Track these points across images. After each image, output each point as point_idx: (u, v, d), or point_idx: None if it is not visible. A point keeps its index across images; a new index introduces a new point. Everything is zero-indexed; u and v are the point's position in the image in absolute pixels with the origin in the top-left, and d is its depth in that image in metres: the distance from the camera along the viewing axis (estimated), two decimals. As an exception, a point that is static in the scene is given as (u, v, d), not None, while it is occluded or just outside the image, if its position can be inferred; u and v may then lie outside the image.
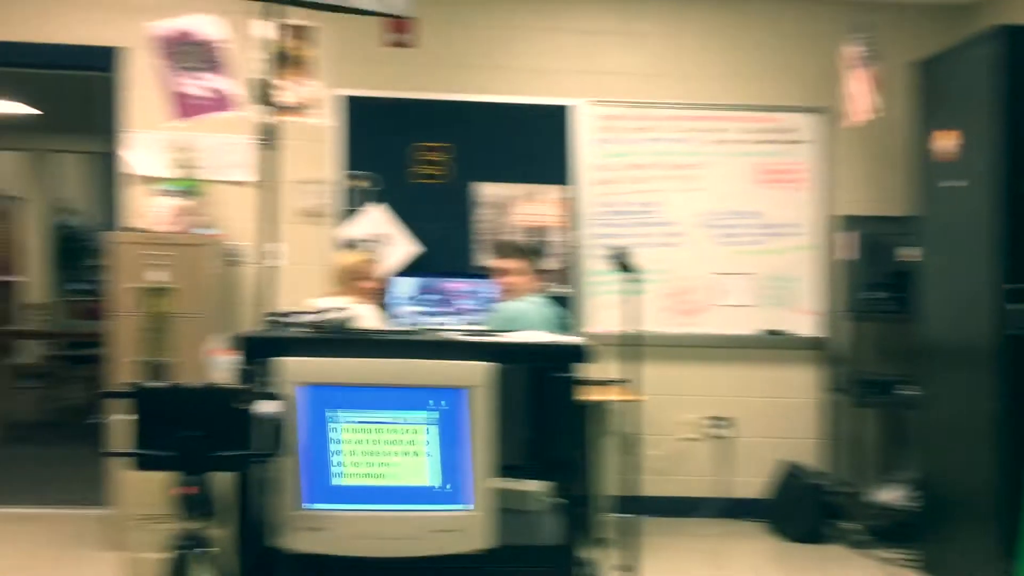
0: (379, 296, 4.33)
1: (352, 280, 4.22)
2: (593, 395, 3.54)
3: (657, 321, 5.07)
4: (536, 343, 2.31)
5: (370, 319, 3.92)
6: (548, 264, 5.05)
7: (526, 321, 3.91)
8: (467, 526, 2.06)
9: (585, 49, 5.26)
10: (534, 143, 5.13)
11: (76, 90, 7.66)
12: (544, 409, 2.62)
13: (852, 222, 5.15)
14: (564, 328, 4.07)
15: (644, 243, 5.09)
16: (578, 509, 2.19)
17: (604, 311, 5.06)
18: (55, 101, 8.77)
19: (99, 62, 5.02)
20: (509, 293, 4.27)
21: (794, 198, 5.27)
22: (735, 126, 5.25)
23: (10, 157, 11.41)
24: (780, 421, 5.29)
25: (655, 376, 4.97)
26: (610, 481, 4.52)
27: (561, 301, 4.78)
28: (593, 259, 5.10)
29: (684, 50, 5.32)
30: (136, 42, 5.03)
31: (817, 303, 5.25)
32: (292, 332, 2.31)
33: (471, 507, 2.08)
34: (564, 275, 5.11)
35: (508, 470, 2.49)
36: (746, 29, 5.35)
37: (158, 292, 4.39)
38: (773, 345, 5.24)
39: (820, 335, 5.24)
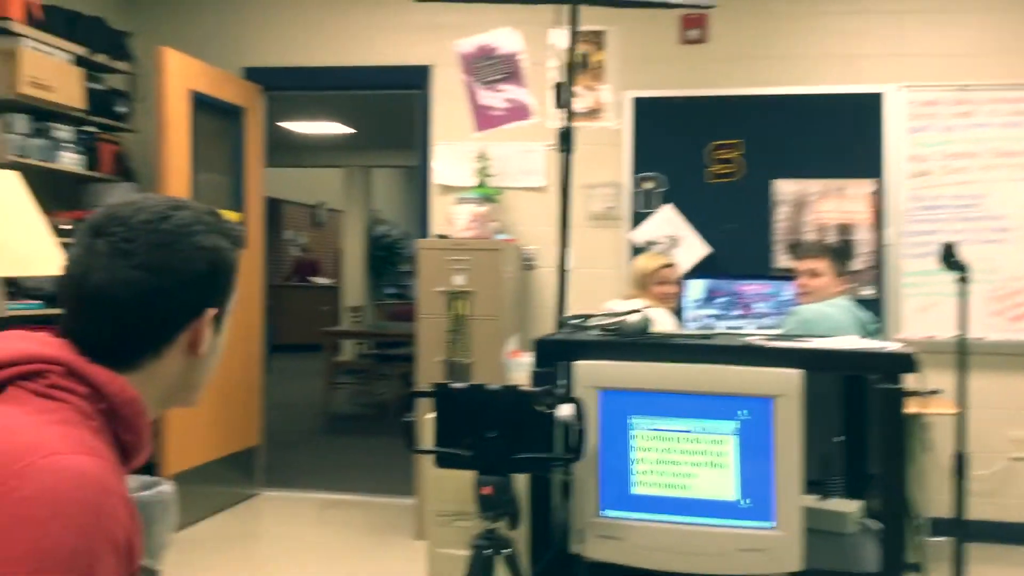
0: (674, 300, 4.23)
1: (650, 284, 4.15)
2: (911, 407, 3.23)
3: (982, 327, 4.56)
4: (856, 350, 2.12)
5: (665, 323, 3.84)
6: (854, 264, 4.70)
7: (826, 325, 3.64)
8: (772, 546, 1.92)
9: (893, 30, 4.85)
10: (837, 135, 4.79)
11: (386, 109, 8.28)
12: (857, 421, 2.41)
13: None
14: (873, 333, 3.74)
15: (966, 240, 4.59)
16: (894, 532, 1.97)
17: (919, 315, 4.63)
18: (368, 120, 9.52)
19: (413, 80, 5.34)
20: (808, 295, 4.00)
21: None
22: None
23: (332, 173, 12.57)
24: None
25: (982, 388, 4.48)
26: (930, 502, 4.12)
27: (868, 304, 4.43)
28: (906, 258, 4.69)
29: (1007, 24, 4.75)
30: (440, 59, 5.31)
31: None
32: (590, 336, 2.28)
33: (775, 525, 1.94)
34: (872, 276, 4.73)
35: (812, 486, 2.31)
36: (1089, -6, 4.69)
37: (458, 295, 4.59)
38: None
39: None
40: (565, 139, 2.72)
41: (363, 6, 5.41)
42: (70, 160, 4.65)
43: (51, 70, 4.45)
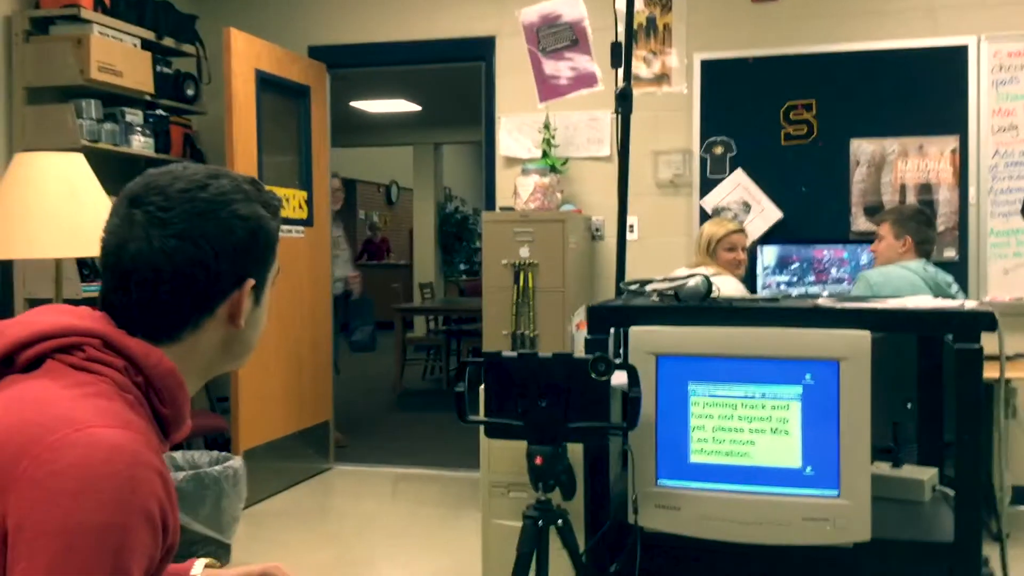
0: (743, 268, 4.10)
1: (718, 251, 4.02)
2: (994, 372, 3.07)
3: (1075, 288, 4.32)
4: (928, 309, 2.00)
5: (733, 292, 3.72)
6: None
7: (889, 287, 3.50)
8: (837, 515, 1.83)
9: (977, -21, 4.60)
10: (916, 91, 4.57)
11: (454, 84, 8.25)
12: (933, 385, 2.29)
13: None
14: (951, 296, 3.57)
15: (1057, 197, 4.35)
16: (969, 500, 1.86)
17: (1005, 277, 4.41)
18: (436, 96, 9.51)
19: (477, 52, 5.29)
20: (878, 259, 3.84)
21: None
22: None
23: (403, 152, 12.63)
24: None
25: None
26: (1011, 470, 3.93)
27: (950, 267, 4.24)
28: (991, 217, 4.46)
29: (1105, -35, 4.46)
30: (503, 30, 5.24)
31: None
32: (648, 301, 2.21)
33: (840, 493, 1.84)
34: (954, 237, 4.52)
35: (883, 453, 2.20)
36: None
37: (524, 268, 4.54)
38: None
39: None
40: (622, 100, 2.63)
41: (424, -21, 5.37)
42: (141, 144, 4.73)
43: (120, 55, 4.52)
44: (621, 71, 2.71)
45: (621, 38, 2.89)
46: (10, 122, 4.36)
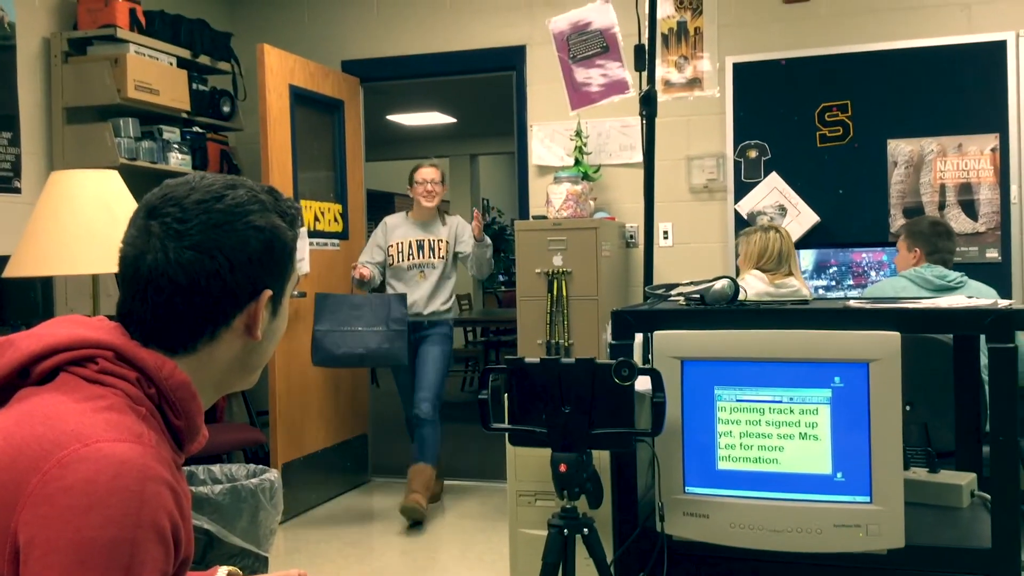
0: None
1: (758, 258, 3.95)
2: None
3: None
4: (958, 308, 1.95)
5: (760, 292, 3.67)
6: (975, 226, 4.40)
7: (879, 292, 3.55)
8: (870, 521, 1.78)
9: (1015, -27, 4.50)
10: (954, 89, 4.48)
11: (487, 95, 8.28)
12: (970, 387, 2.23)
13: None
14: (953, 288, 3.54)
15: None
16: (1008, 506, 1.80)
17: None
18: (470, 108, 9.55)
19: (508, 61, 5.31)
20: (899, 270, 3.81)
21: None
22: None
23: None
24: None
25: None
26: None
27: (992, 267, 4.14)
28: (1036, 217, 4.35)
29: None
30: (534, 39, 5.24)
31: None
32: (673, 305, 2.18)
33: (872, 499, 1.80)
34: (996, 238, 4.41)
35: (919, 458, 2.15)
36: None
37: (557, 276, 4.52)
38: None
39: None
40: (646, 103, 2.61)
41: (454, -9, 5.40)
42: (178, 161, 4.80)
43: (157, 74, 4.60)
44: (645, 74, 2.69)
45: (650, 47, 2.87)
46: (50, 142, 4.45)
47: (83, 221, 3.11)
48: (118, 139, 4.41)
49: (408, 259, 4.76)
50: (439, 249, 4.79)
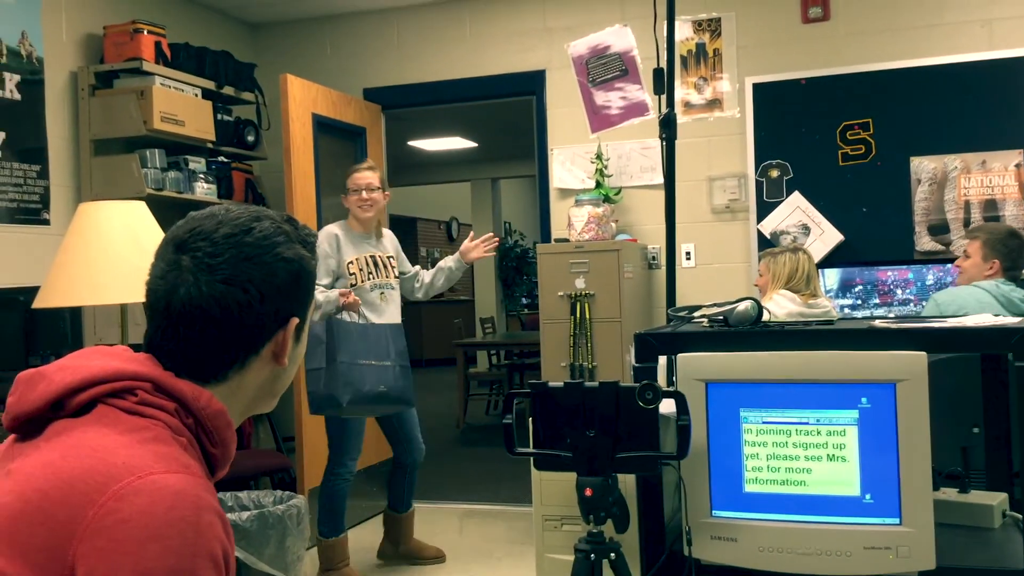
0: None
1: (787, 279, 3.94)
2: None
3: None
4: (985, 327, 1.93)
5: (785, 312, 3.65)
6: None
7: (954, 307, 3.36)
8: (900, 543, 1.76)
9: (1035, -12, 4.49)
10: (976, 106, 4.47)
11: (508, 119, 8.33)
12: (999, 407, 2.21)
13: None
14: None
15: None
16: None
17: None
18: (491, 132, 9.60)
19: (527, 86, 5.34)
20: (960, 277, 3.69)
21: None
22: None
23: (462, 188, 12.76)
24: None
25: None
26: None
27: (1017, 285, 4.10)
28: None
29: None
30: (553, 63, 5.28)
31: None
32: (697, 327, 2.18)
33: (902, 521, 1.78)
34: (1025, 254, 4.37)
35: (951, 479, 2.13)
36: None
37: (580, 299, 4.52)
38: None
39: None
40: (666, 126, 2.62)
41: (474, 17, 5.45)
42: (204, 190, 4.86)
43: (182, 105, 4.67)
44: (664, 97, 2.70)
45: (669, 69, 2.89)
46: (78, 173, 4.52)
47: (111, 251, 3.15)
48: (145, 170, 4.47)
49: (369, 278, 4.01)
50: (390, 267, 4.12)
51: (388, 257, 4.14)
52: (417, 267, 4.30)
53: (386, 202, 4.14)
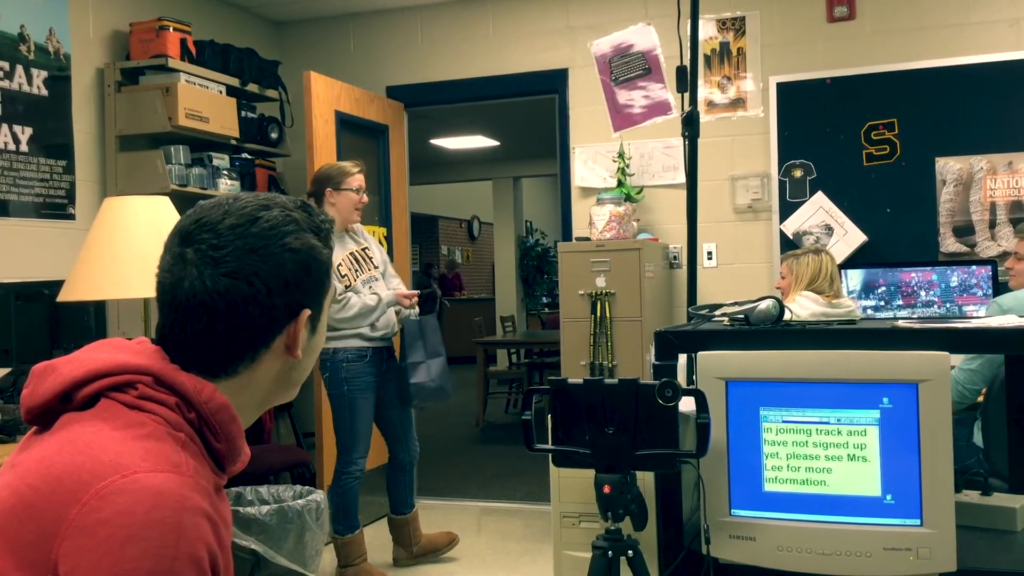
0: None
1: (810, 280, 3.91)
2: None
3: None
4: (1007, 328, 1.91)
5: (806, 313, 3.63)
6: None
7: (1021, 310, 3.27)
8: (921, 544, 1.75)
9: (1065, -12, 4.43)
10: (1002, 106, 4.42)
11: (530, 118, 8.32)
12: (1021, 407, 2.19)
13: None
14: None
15: None
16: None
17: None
18: (513, 131, 9.60)
19: (550, 84, 5.34)
20: (1014, 279, 3.61)
21: None
22: None
23: (484, 186, 12.77)
24: None
25: None
26: None
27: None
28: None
29: None
30: (576, 62, 5.27)
31: None
32: (717, 325, 2.17)
33: (923, 522, 1.77)
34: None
35: (972, 481, 2.11)
36: None
37: (601, 297, 4.51)
38: None
39: None
40: (688, 124, 2.61)
41: (497, 16, 5.45)
42: (227, 187, 4.89)
43: (207, 102, 4.70)
44: (687, 95, 2.69)
45: (692, 67, 2.87)
46: (104, 169, 4.56)
47: (135, 246, 3.18)
48: (169, 166, 4.51)
49: (358, 276, 3.96)
50: (367, 258, 4.06)
51: (363, 249, 4.06)
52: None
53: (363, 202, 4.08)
